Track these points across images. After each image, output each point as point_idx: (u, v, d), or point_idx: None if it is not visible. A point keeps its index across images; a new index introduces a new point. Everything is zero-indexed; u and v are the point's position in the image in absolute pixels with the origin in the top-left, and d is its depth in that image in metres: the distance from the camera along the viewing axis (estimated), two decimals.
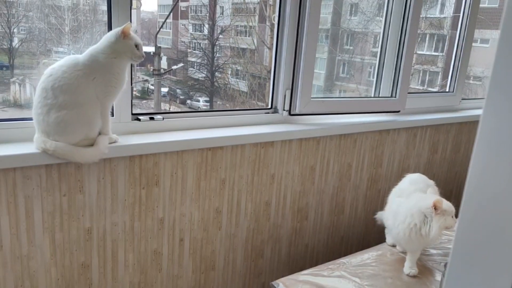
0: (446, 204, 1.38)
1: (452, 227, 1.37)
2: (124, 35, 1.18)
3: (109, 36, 1.20)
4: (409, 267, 1.47)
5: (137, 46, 1.21)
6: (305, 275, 1.43)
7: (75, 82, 1.15)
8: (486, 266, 0.46)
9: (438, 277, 1.45)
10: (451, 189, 2.51)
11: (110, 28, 1.31)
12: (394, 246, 1.64)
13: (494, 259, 0.45)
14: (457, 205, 2.18)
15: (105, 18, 1.32)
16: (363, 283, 1.40)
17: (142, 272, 1.47)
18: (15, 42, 1.52)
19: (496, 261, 0.45)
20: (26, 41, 1.52)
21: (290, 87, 1.71)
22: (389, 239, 1.67)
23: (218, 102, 2.67)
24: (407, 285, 1.41)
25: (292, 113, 1.74)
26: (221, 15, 2.47)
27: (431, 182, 1.62)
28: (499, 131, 0.44)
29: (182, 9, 2.58)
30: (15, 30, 1.47)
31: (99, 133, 1.24)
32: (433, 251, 1.64)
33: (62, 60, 1.18)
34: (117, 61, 1.20)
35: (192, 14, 2.57)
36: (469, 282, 0.48)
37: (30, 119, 1.20)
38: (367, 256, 1.58)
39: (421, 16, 2.01)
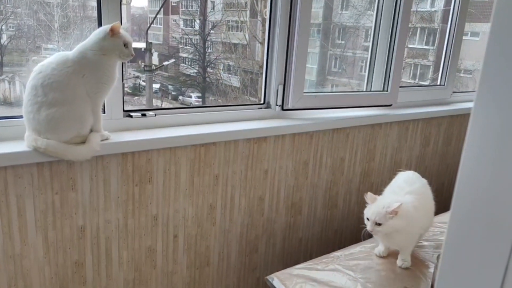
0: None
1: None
2: (113, 33, 1.16)
3: (97, 33, 1.18)
4: (402, 260, 1.48)
5: (126, 44, 1.19)
6: (299, 269, 1.44)
7: (65, 79, 1.14)
8: (479, 257, 0.46)
9: (431, 269, 1.46)
10: (443, 181, 2.53)
11: (100, 24, 1.29)
12: None
13: (486, 251, 0.46)
14: (449, 197, 2.18)
15: (95, 14, 1.31)
16: (357, 276, 1.41)
17: (137, 269, 1.47)
18: (4, 39, 1.50)
19: (489, 252, 0.46)
20: (15, 38, 1.50)
21: (283, 82, 1.71)
22: None
23: (210, 98, 2.65)
24: (400, 277, 1.42)
25: (284, 108, 1.74)
26: (212, 10, 2.46)
27: (425, 181, 1.60)
28: (490, 123, 0.44)
29: (172, 4, 2.56)
30: (3, 27, 1.45)
31: (91, 131, 1.23)
32: (426, 243, 1.65)
33: (51, 57, 1.17)
34: (106, 58, 1.18)
35: (183, 9, 2.55)
36: (462, 273, 0.48)
37: (21, 117, 1.18)
38: (361, 249, 1.59)
39: (412, 9, 2.01)
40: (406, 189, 1.51)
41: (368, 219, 1.39)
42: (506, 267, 0.44)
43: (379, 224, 1.37)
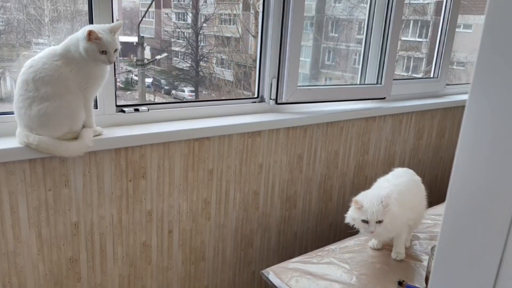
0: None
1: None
2: (89, 37, 1.12)
3: (82, 31, 1.15)
4: (396, 252, 1.49)
5: (104, 51, 1.14)
6: (294, 263, 1.44)
7: (55, 73, 1.12)
8: (473, 249, 0.47)
9: (425, 261, 1.47)
10: (437, 174, 2.55)
11: (91, 18, 1.28)
12: None
13: (481, 243, 0.46)
14: (442, 190, 2.20)
15: (86, 8, 1.29)
16: (352, 269, 1.42)
17: (132, 264, 1.46)
18: None
19: (483, 244, 0.46)
20: (4, 33, 1.48)
21: (276, 76, 1.70)
22: None
23: (203, 92, 2.64)
24: (394, 269, 1.43)
25: (278, 102, 1.73)
26: (205, 3, 2.44)
27: (417, 177, 1.59)
28: (485, 116, 0.44)
29: None
30: None
31: (83, 126, 1.22)
32: (420, 235, 1.66)
33: (42, 52, 1.16)
34: (86, 57, 1.16)
35: (175, 2, 2.53)
36: (457, 265, 0.48)
37: (12, 113, 1.17)
38: (355, 242, 1.60)
39: (405, 2, 2.01)
40: (392, 182, 1.52)
41: (365, 221, 1.35)
42: (500, 259, 0.44)
43: (380, 222, 1.35)
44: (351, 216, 1.41)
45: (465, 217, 0.47)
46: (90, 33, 1.12)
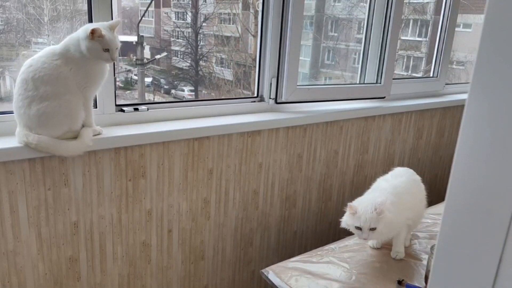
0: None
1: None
2: (92, 36, 1.12)
3: (82, 30, 1.15)
4: (395, 251, 1.49)
5: (107, 50, 1.15)
6: (294, 262, 1.44)
7: (54, 72, 1.12)
8: (473, 248, 0.47)
9: (425, 260, 1.47)
10: (436, 173, 2.55)
11: (90, 17, 1.28)
12: None
13: (480, 242, 0.46)
14: (442, 189, 2.20)
15: (85, 7, 1.29)
16: (352, 268, 1.42)
17: (131, 264, 1.46)
18: None
19: (483, 243, 0.46)
20: (4, 32, 1.48)
21: (276, 75, 1.70)
22: None
23: (203, 91, 2.64)
24: (394, 268, 1.43)
25: (278, 101, 1.73)
26: (204, 2, 2.44)
27: (417, 177, 1.59)
28: (484, 115, 0.44)
29: None
30: None
31: (82, 126, 1.22)
32: (420, 234, 1.66)
33: (41, 51, 1.16)
34: (88, 56, 1.16)
35: (175, 2, 2.53)
36: (457, 264, 0.48)
37: (11, 112, 1.17)
38: (355, 241, 1.60)
39: (404, 1, 2.01)
40: (391, 182, 1.51)
41: (359, 228, 1.34)
42: (500, 258, 0.44)
43: (373, 229, 1.34)
44: (346, 221, 1.40)
45: (465, 216, 0.47)
46: (93, 31, 1.12)
